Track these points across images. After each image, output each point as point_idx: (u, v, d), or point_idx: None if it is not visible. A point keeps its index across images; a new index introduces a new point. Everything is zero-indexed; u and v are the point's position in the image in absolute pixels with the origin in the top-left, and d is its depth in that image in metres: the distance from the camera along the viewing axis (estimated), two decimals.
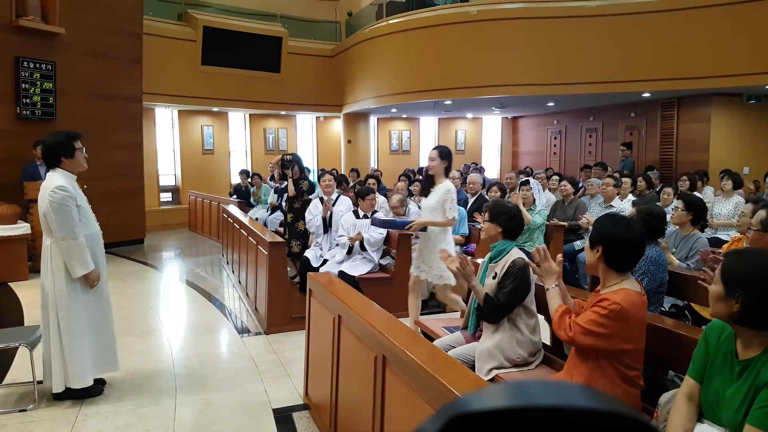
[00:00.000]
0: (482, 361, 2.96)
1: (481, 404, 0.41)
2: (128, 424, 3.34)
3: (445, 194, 4.38)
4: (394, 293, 5.34)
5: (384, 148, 16.09)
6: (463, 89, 11.16)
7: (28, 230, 7.05)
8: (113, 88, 9.38)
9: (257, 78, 13.35)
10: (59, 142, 3.55)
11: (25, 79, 8.02)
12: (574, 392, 0.42)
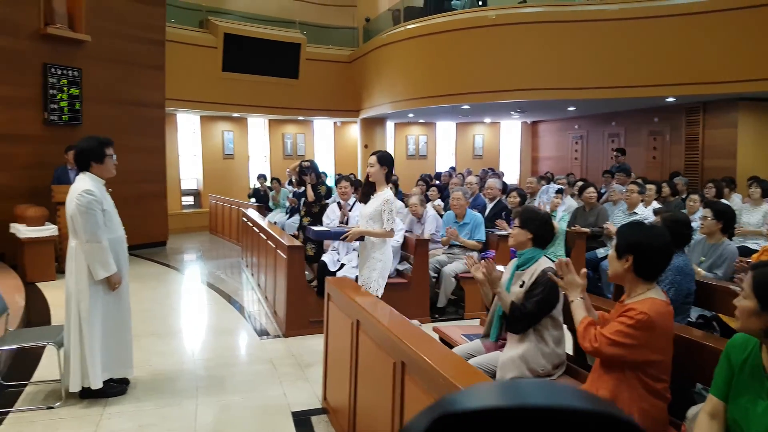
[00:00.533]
0: (504, 371, 2.94)
1: (468, 403, 0.41)
2: (151, 423, 3.41)
3: (384, 204, 4.17)
4: (412, 299, 5.36)
5: (401, 153, 16.12)
6: (481, 93, 11.13)
7: (55, 232, 7.21)
8: (136, 94, 9.55)
9: (276, 84, 13.48)
10: (91, 147, 3.66)
11: (53, 85, 8.20)
12: (561, 392, 0.42)
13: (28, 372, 4.18)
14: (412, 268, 5.60)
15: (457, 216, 6.04)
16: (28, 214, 7.11)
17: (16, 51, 7.76)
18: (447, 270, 5.81)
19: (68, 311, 3.62)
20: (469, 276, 5.75)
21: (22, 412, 3.53)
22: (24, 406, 3.61)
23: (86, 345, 3.55)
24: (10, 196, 7.56)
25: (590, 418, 0.40)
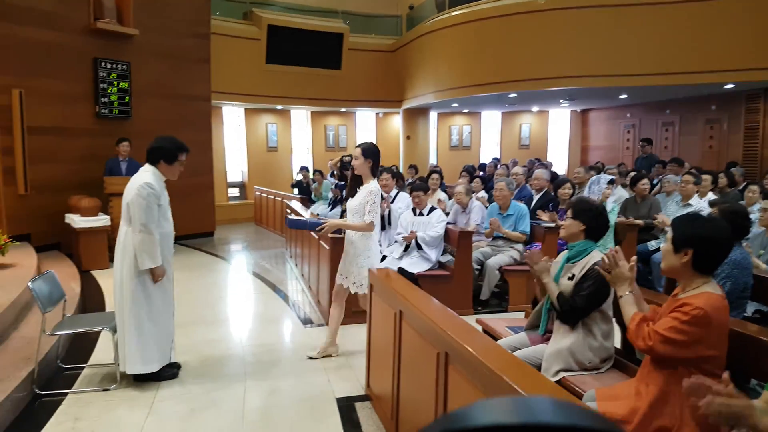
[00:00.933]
0: (550, 362, 2.90)
1: (468, 420, 0.41)
2: (201, 407, 3.51)
3: (367, 196, 4.07)
4: (454, 291, 5.32)
5: (444, 144, 15.98)
6: (529, 81, 10.89)
7: (108, 222, 7.48)
8: (183, 88, 9.78)
9: (318, 75, 13.57)
10: (167, 148, 3.81)
11: (103, 79, 8.49)
12: (565, 410, 0.42)
13: (85, 355, 4.37)
14: (455, 260, 5.56)
15: (500, 207, 5.95)
16: (82, 205, 7.40)
17: (67, 46, 8.05)
18: (491, 262, 5.74)
19: (116, 296, 3.77)
20: (514, 269, 5.70)
21: (80, 394, 3.69)
22: (81, 388, 3.78)
23: (128, 331, 3.68)
24: (65, 188, 7.89)
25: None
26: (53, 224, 7.75)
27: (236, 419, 3.36)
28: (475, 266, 5.74)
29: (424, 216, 5.68)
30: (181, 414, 3.42)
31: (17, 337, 4.30)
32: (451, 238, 5.67)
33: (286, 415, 3.43)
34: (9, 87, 7.33)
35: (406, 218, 5.78)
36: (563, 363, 2.88)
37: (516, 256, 5.80)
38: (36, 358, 3.69)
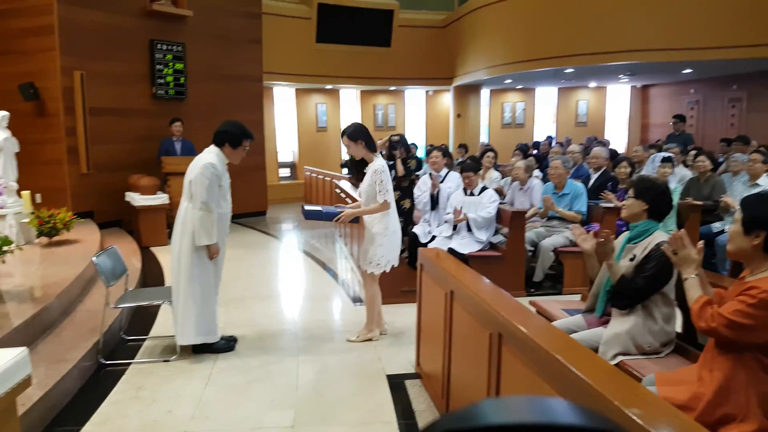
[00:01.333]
0: (608, 346, 2.82)
1: (467, 422, 0.40)
2: (257, 378, 3.62)
3: (374, 176, 3.95)
4: (506, 272, 5.23)
5: (496, 122, 15.66)
6: (587, 56, 10.46)
7: (166, 200, 7.73)
8: (236, 68, 9.93)
9: (368, 53, 13.49)
10: (233, 133, 3.92)
11: (159, 60, 8.71)
12: (562, 410, 0.42)
13: (146, 328, 4.56)
14: (507, 240, 5.46)
15: (556, 186, 5.79)
16: (141, 184, 7.67)
17: (125, 28, 8.29)
18: (545, 243, 5.61)
19: (173, 269, 3.90)
20: (570, 250, 5.56)
21: (142, 364, 3.86)
22: (143, 359, 3.95)
23: (184, 303, 3.81)
24: (124, 167, 8.18)
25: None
26: (114, 202, 8.07)
27: (290, 391, 3.44)
28: (528, 247, 5.62)
29: (475, 196, 5.58)
30: (238, 385, 3.53)
31: (82, 309, 4.51)
32: (503, 218, 5.56)
33: (338, 390, 3.48)
34: (71, 69, 7.62)
35: (457, 198, 5.70)
36: (622, 347, 2.80)
37: (572, 237, 5.64)
38: (101, 330, 3.87)
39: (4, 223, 5.65)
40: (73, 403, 3.31)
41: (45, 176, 7.65)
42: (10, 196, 5.76)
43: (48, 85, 7.58)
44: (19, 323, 3.50)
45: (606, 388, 1.63)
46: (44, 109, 7.70)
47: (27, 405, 2.85)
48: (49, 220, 5.82)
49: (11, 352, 2.00)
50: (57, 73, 7.52)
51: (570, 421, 0.41)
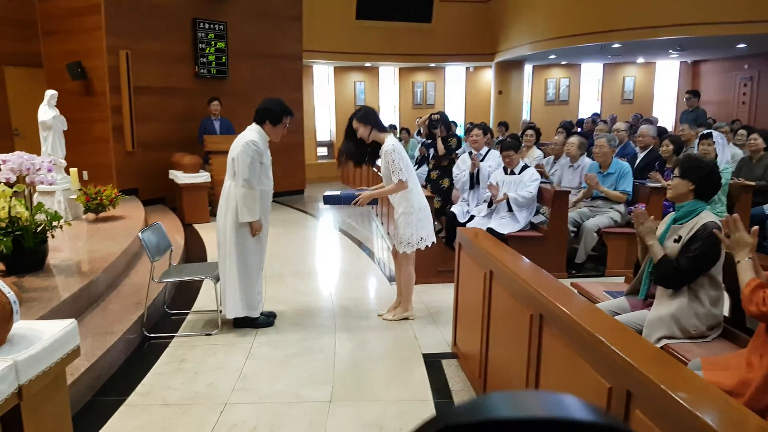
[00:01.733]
0: (651, 328, 2.75)
1: (470, 416, 0.40)
2: (295, 354, 3.68)
3: (385, 156, 3.91)
4: (546, 253, 5.12)
5: (539, 99, 15.28)
6: (635, 30, 10.04)
7: (208, 179, 7.86)
8: (276, 47, 9.94)
9: (408, 30, 13.30)
10: (273, 110, 3.94)
11: (202, 39, 8.78)
12: (566, 404, 0.41)
13: (189, 302, 4.67)
14: (549, 221, 5.35)
15: (601, 166, 5.62)
16: (184, 162, 7.81)
17: (169, 7, 8.38)
18: (589, 224, 5.47)
19: (220, 246, 3.97)
20: (614, 231, 5.41)
21: (185, 337, 3.96)
22: (186, 332, 4.06)
23: (229, 278, 3.88)
24: (168, 145, 8.35)
25: (598, 430, 0.40)
26: (158, 180, 8.26)
27: (327, 367, 3.48)
28: (571, 228, 5.49)
29: (516, 175, 5.47)
30: (277, 359, 3.59)
31: (128, 283, 4.65)
32: (544, 198, 5.44)
33: (375, 367, 3.51)
34: (117, 49, 7.77)
35: (497, 177, 5.60)
36: (666, 329, 2.72)
37: (616, 218, 5.49)
38: (145, 303, 3.98)
39: (53, 199, 5.85)
40: (118, 374, 3.42)
41: (92, 154, 7.88)
42: (59, 173, 5.94)
43: (95, 65, 7.76)
44: (67, 296, 3.61)
45: (652, 372, 1.58)
46: (91, 88, 7.89)
47: (75, 375, 2.95)
48: (96, 196, 6.00)
49: (60, 324, 2.06)
50: (103, 53, 7.68)
51: (583, 417, 0.40)
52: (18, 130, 9.04)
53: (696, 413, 1.37)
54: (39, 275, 3.99)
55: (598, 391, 1.80)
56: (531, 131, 7.30)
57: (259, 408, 3.00)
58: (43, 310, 3.30)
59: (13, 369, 1.75)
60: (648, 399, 1.58)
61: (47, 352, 1.92)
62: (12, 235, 3.75)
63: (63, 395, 2.13)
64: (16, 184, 4.03)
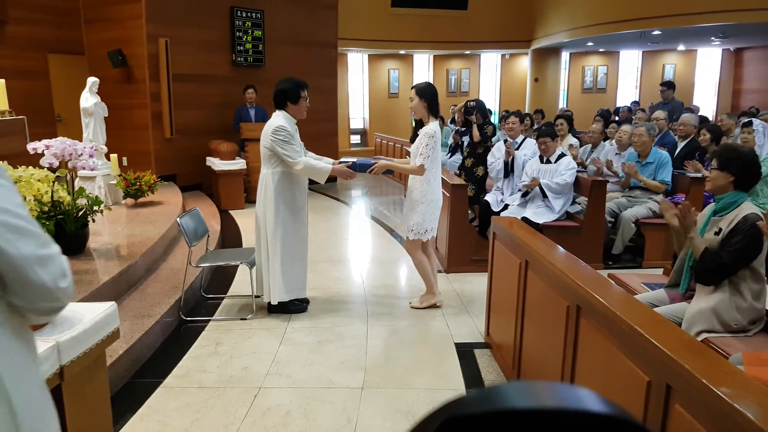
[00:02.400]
0: (691, 322, 2.68)
1: (476, 407, 0.40)
2: (328, 339, 3.71)
3: (423, 137, 3.90)
4: (583, 244, 5.03)
5: (575, 87, 14.97)
6: (676, 17, 9.73)
7: (244, 166, 7.97)
8: (312, 35, 9.95)
9: (443, 17, 13.16)
10: (289, 89, 3.95)
11: (239, 27, 8.85)
12: (577, 395, 0.41)
13: (225, 287, 4.76)
14: (585, 210, 5.25)
15: (639, 155, 5.48)
16: (221, 149, 7.92)
17: None
18: (626, 214, 5.35)
19: (258, 235, 4.02)
20: (652, 222, 5.28)
21: (220, 321, 4.04)
22: (221, 316, 4.13)
23: (271, 265, 3.93)
24: (205, 132, 8.47)
25: (607, 423, 0.40)
26: (195, 166, 8.40)
27: (359, 354, 3.50)
28: (608, 218, 5.38)
29: (552, 163, 5.38)
30: (310, 344, 3.63)
31: (166, 268, 4.75)
32: (581, 187, 5.34)
33: (407, 355, 3.51)
34: (156, 36, 7.89)
35: (532, 166, 5.51)
36: (706, 323, 2.65)
37: (655, 208, 5.35)
38: (182, 288, 4.07)
39: (93, 184, 6.01)
40: (155, 357, 3.50)
41: (131, 140, 8.05)
42: (99, 158, 6.09)
43: (135, 52, 7.91)
44: (107, 279, 3.71)
45: (693, 365, 1.54)
46: (131, 75, 8.05)
47: (114, 357, 3.03)
48: (135, 182, 6.14)
49: (101, 307, 2.11)
50: (143, 41, 7.82)
51: (598, 409, 0.39)
52: (60, 116, 9.29)
53: (738, 408, 1.34)
54: (80, 258, 4.10)
55: (637, 384, 1.77)
56: (562, 120, 7.17)
57: (293, 392, 3.04)
58: (84, 293, 3.40)
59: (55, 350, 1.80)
60: (689, 393, 1.54)
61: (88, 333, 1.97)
62: (55, 219, 3.86)
63: (102, 376, 2.19)
64: (59, 169, 4.15)
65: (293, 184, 3.99)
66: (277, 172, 3.93)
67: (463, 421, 0.39)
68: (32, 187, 3.61)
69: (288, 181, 3.95)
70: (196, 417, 2.81)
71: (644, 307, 2.05)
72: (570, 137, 7.02)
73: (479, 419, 0.39)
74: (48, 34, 8.83)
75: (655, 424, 1.68)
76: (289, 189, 3.97)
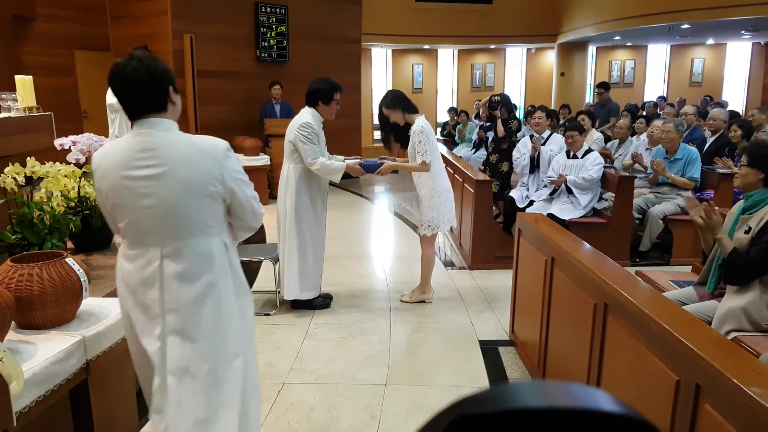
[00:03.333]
0: (721, 321, 2.63)
1: (485, 406, 0.39)
2: (351, 335, 3.72)
3: (413, 137, 3.93)
4: (609, 240, 4.95)
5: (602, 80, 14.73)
6: (706, 10, 9.49)
7: (267, 161, 8.02)
8: (335, 30, 9.96)
9: (468, 11, 13.06)
10: (323, 89, 3.98)
11: (263, 23, 8.90)
12: (586, 394, 0.40)
13: (249, 282, 4.75)
14: (613, 207, 5.16)
15: (667, 151, 5.37)
16: (245, 145, 7.99)
17: None
18: (654, 211, 5.25)
19: (280, 228, 4.05)
20: (680, 218, 5.18)
21: None
22: None
23: (288, 260, 3.95)
24: (230, 128, 8.53)
25: (618, 422, 0.39)
26: None
27: (383, 350, 3.50)
28: (635, 214, 5.29)
29: (579, 159, 5.31)
30: (333, 340, 3.65)
31: None
32: (608, 183, 5.26)
33: (430, 352, 3.50)
34: (181, 32, 7.98)
35: (558, 161, 5.44)
36: (736, 323, 2.59)
37: (683, 204, 5.25)
38: None
39: None
40: None
41: None
42: None
43: (160, 48, 8.00)
44: None
45: (723, 364, 1.51)
46: None
47: None
48: None
49: None
50: (168, 37, 7.91)
51: (612, 409, 0.39)
52: (87, 112, 9.46)
53: None
54: (105, 254, 4.14)
55: (665, 383, 1.74)
56: (583, 116, 7.07)
57: (316, 388, 3.06)
58: (109, 288, 3.42)
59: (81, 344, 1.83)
60: (719, 393, 1.51)
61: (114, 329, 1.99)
62: (81, 214, 3.92)
63: (129, 370, 2.21)
64: (85, 164, 4.21)
65: (314, 180, 4.00)
66: (299, 167, 3.95)
67: (473, 420, 0.39)
68: (59, 182, 3.67)
69: (309, 177, 3.96)
70: None
71: (673, 304, 2.01)
72: (594, 132, 6.92)
73: (489, 418, 0.39)
74: (75, 31, 8.97)
75: (684, 425, 1.65)
76: (310, 185, 3.98)
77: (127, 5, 8.11)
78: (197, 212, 1.74)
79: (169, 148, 1.73)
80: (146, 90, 1.73)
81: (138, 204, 1.70)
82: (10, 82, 4.47)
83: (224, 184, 1.77)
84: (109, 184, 1.73)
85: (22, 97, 4.07)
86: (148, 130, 1.74)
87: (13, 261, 1.83)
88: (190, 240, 1.75)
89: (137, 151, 1.72)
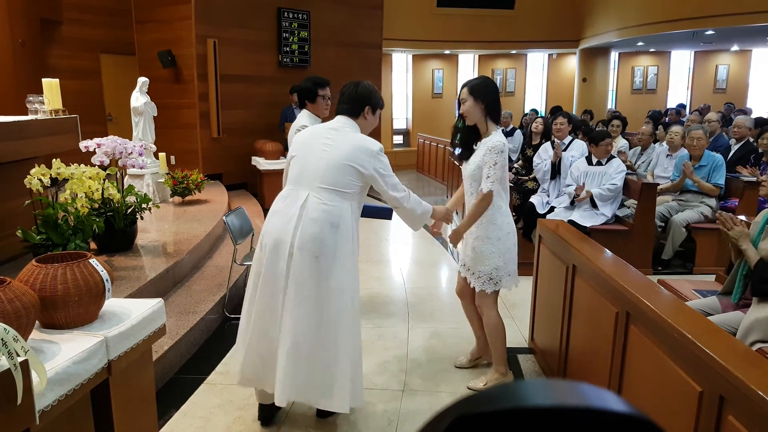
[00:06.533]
0: (746, 332, 2.56)
1: (488, 405, 0.39)
2: (369, 339, 3.71)
3: (488, 153, 2.82)
4: (631, 248, 4.88)
5: (624, 87, 14.57)
6: (731, 16, 9.35)
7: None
8: (357, 35, 10.00)
9: (489, 16, 13.03)
10: (306, 87, 3.95)
11: (286, 28, 8.97)
12: (590, 393, 0.40)
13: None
14: (635, 214, 5.09)
15: (692, 158, 5.28)
16: (266, 149, 8.05)
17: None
18: (677, 219, 5.17)
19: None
20: (704, 226, 5.09)
21: None
22: None
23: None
24: (251, 132, 8.62)
25: (620, 421, 0.38)
26: (241, 165, 8.56)
27: (401, 355, 3.49)
28: (658, 222, 5.21)
29: (602, 165, 5.24)
30: None
31: (211, 265, 4.85)
32: (631, 190, 5.19)
33: (448, 357, 3.48)
34: (205, 37, 8.08)
35: (579, 168, 5.38)
36: (762, 333, 2.52)
37: (707, 213, 5.16)
38: (227, 285, 4.14)
39: (142, 182, 6.18)
40: (199, 353, 3.57)
41: (179, 139, 8.26)
42: (148, 157, 6.26)
43: (184, 53, 8.11)
44: (154, 276, 3.77)
45: (748, 376, 1.47)
46: (180, 75, 8.26)
47: (159, 352, 3.10)
48: (183, 180, 6.29)
49: (148, 303, 2.14)
50: (192, 41, 8.01)
51: (619, 408, 0.38)
52: (111, 115, 9.62)
53: None
54: (128, 255, 4.21)
55: (688, 395, 1.70)
56: (618, 121, 6.98)
57: None
58: (131, 289, 3.48)
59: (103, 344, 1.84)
60: (743, 405, 1.47)
61: (135, 329, 2.00)
62: (105, 215, 3.98)
63: (149, 371, 2.23)
64: (109, 167, 4.28)
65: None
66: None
67: (476, 419, 0.38)
68: (84, 184, 3.72)
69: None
70: (238, 414, 2.86)
71: (696, 314, 1.97)
72: (620, 139, 6.84)
73: (492, 417, 0.38)
74: (100, 35, 9.14)
75: None
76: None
77: (152, 10, 8.24)
78: None
79: None
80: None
81: None
82: (37, 84, 4.56)
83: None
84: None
85: (48, 99, 4.15)
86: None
87: (38, 261, 1.86)
88: None
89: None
